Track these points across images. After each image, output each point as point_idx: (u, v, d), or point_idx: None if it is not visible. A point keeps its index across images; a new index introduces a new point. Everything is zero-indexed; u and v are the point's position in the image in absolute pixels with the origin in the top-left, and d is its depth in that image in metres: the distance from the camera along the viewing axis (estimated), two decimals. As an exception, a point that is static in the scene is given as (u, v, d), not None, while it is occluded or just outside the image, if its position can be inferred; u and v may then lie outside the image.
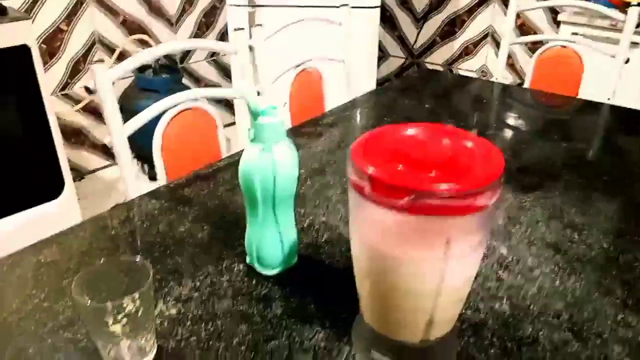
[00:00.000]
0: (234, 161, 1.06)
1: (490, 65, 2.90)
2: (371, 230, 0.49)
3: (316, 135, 1.19)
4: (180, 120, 1.04)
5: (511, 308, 0.65)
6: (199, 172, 1.01)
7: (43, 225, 1.91)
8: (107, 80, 0.92)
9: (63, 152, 1.99)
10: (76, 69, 2.50)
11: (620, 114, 1.38)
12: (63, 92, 2.51)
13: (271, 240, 0.68)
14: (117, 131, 0.92)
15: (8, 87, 1.79)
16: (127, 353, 0.56)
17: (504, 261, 0.74)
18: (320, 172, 1.01)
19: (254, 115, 0.62)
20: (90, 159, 2.75)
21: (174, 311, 0.65)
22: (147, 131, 1.02)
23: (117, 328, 0.53)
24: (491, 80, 1.75)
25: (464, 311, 0.65)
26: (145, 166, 2.54)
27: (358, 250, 0.52)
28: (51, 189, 1.98)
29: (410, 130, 0.52)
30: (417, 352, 0.55)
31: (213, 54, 3.06)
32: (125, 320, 0.52)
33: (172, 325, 0.63)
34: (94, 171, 2.77)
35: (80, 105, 2.55)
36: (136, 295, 0.52)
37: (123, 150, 0.94)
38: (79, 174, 2.67)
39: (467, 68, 3.00)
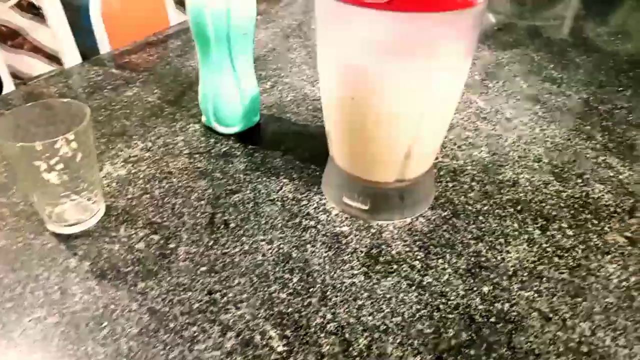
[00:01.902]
0: (185, 28, 0.95)
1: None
2: (343, 44, 0.42)
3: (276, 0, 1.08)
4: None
5: (490, 155, 0.61)
6: (147, 39, 0.90)
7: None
8: None
9: (1, 57, 1.80)
10: (4, -43, 2.22)
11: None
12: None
13: (228, 91, 0.61)
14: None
15: None
16: (70, 213, 0.50)
17: (482, 113, 0.70)
18: (282, 37, 0.92)
19: None
20: (32, 64, 2.53)
21: (123, 172, 0.58)
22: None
23: (52, 177, 0.46)
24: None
25: (441, 159, 0.60)
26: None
27: (327, 73, 0.46)
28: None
29: None
30: (392, 194, 0.51)
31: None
32: (61, 166, 0.45)
33: (122, 185, 0.56)
34: (38, 77, 2.56)
35: (13, 1, 2.30)
36: (70, 136, 0.44)
37: (55, 9, 0.82)
38: (21, 80, 2.46)
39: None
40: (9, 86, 1.83)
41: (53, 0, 0.82)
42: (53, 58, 2.61)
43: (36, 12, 0.77)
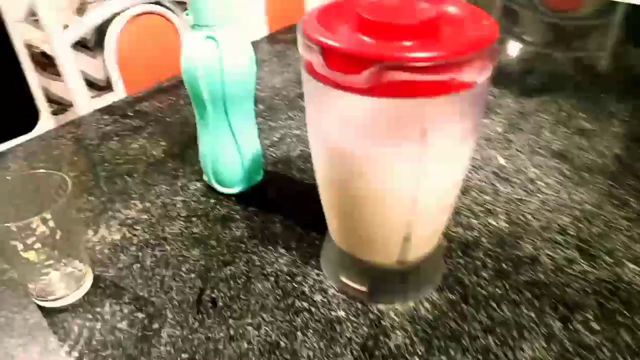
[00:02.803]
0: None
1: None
2: (328, 124, 0.39)
3: (293, 42, 1.05)
4: (135, 28, 0.91)
5: (509, 224, 0.56)
6: (160, 85, 0.89)
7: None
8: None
9: (36, 83, 1.85)
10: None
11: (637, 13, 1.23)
12: (34, 18, 2.33)
13: (227, 152, 0.58)
14: (58, 37, 0.80)
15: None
16: (53, 287, 0.47)
17: (503, 172, 0.64)
18: (297, 82, 0.89)
19: (192, -7, 0.50)
20: (69, 90, 2.60)
21: (117, 236, 0.56)
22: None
23: (31, 255, 0.44)
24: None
25: (453, 229, 0.55)
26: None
27: (316, 152, 0.42)
28: (25, 122, 1.86)
29: (381, -2, 0.40)
30: (394, 275, 0.47)
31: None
32: (38, 245, 0.43)
33: (114, 251, 0.54)
34: (70, 105, 2.62)
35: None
36: (47, 215, 0.42)
37: (67, 60, 0.82)
38: (61, 106, 2.53)
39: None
40: (45, 111, 1.89)
41: (65, 50, 0.82)
42: (89, 83, 2.69)
43: (48, 62, 0.76)
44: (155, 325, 0.46)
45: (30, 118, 1.87)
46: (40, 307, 0.48)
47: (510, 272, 0.50)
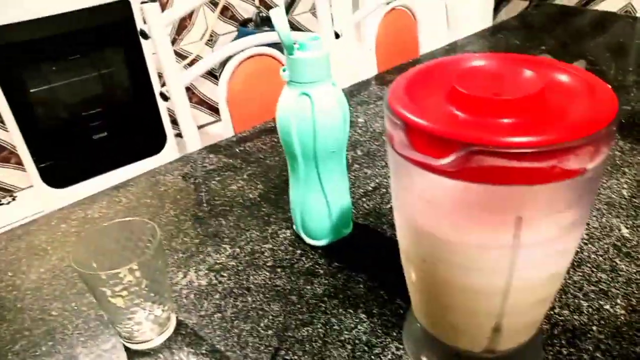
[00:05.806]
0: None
1: (637, 2, 2.43)
2: (412, 201, 0.36)
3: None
4: (247, 68, 0.95)
5: (628, 312, 0.48)
6: (265, 125, 0.92)
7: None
8: (163, 31, 0.85)
9: (165, 108, 2.03)
10: (182, 26, 2.53)
11: None
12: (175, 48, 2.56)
13: (315, 205, 0.57)
14: (174, 79, 0.86)
15: (112, 43, 1.84)
16: (139, 328, 0.49)
17: (625, 245, 0.56)
18: (399, 127, 0.86)
19: (288, 49, 0.50)
20: (197, 115, 2.82)
21: (204, 282, 0.57)
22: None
23: (118, 301, 0.46)
24: (636, 16, 1.43)
25: (558, 310, 0.49)
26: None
27: (401, 231, 0.39)
28: (154, 144, 2.04)
29: (479, 62, 0.37)
30: (482, 363, 0.42)
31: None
32: (125, 293, 0.45)
33: (199, 297, 0.55)
34: (201, 127, 2.83)
35: (187, 61, 2.59)
36: (134, 266, 0.44)
37: (181, 102, 0.88)
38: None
39: (607, 8, 2.55)
40: (170, 136, 2.06)
41: (178, 87, 0.87)
42: (214, 109, 2.90)
43: (165, 99, 0.83)
44: (227, 383, 0.46)
45: (157, 141, 2.05)
46: (126, 349, 0.50)
47: (626, 375, 0.43)
